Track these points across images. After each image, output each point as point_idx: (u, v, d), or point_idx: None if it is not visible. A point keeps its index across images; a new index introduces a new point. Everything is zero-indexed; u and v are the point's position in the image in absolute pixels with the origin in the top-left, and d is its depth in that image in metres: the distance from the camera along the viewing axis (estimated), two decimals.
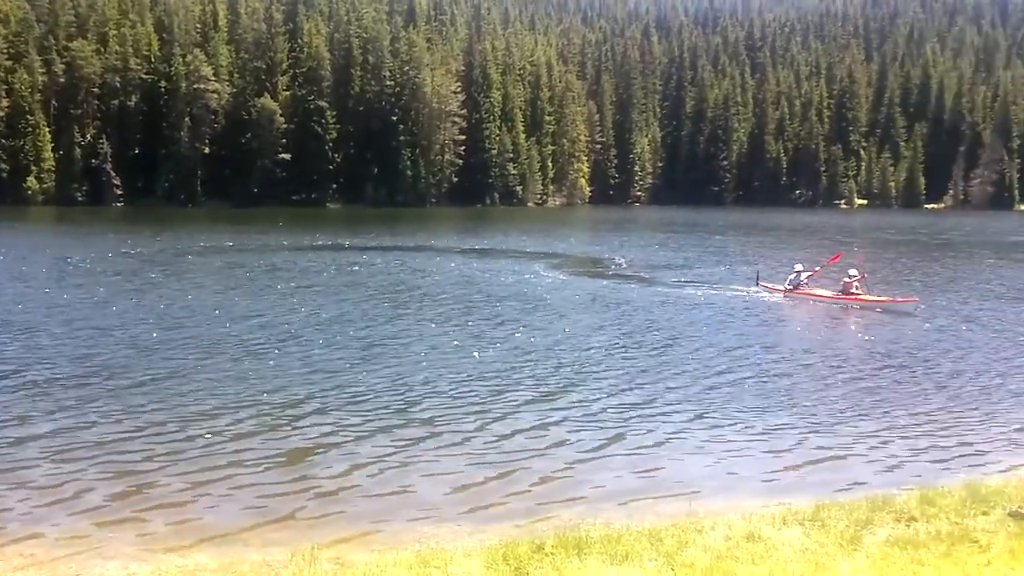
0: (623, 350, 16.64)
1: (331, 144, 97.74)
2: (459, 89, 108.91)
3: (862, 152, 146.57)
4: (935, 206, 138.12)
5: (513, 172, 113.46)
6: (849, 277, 24.10)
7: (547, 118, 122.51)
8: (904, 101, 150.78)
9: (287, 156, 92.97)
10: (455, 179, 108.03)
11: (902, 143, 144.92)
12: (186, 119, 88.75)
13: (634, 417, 11.75)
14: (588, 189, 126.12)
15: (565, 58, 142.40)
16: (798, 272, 25.54)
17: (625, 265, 35.86)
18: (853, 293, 23.75)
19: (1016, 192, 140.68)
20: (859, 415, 12.15)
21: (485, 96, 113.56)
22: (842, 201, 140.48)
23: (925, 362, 16.34)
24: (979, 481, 8.52)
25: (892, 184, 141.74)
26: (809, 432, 11.26)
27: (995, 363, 16.27)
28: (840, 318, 22.62)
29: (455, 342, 16.97)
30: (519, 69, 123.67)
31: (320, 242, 44.20)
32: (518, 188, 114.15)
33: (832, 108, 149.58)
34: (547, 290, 26.30)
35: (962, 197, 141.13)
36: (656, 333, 18.71)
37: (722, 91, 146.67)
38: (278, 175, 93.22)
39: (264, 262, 33.22)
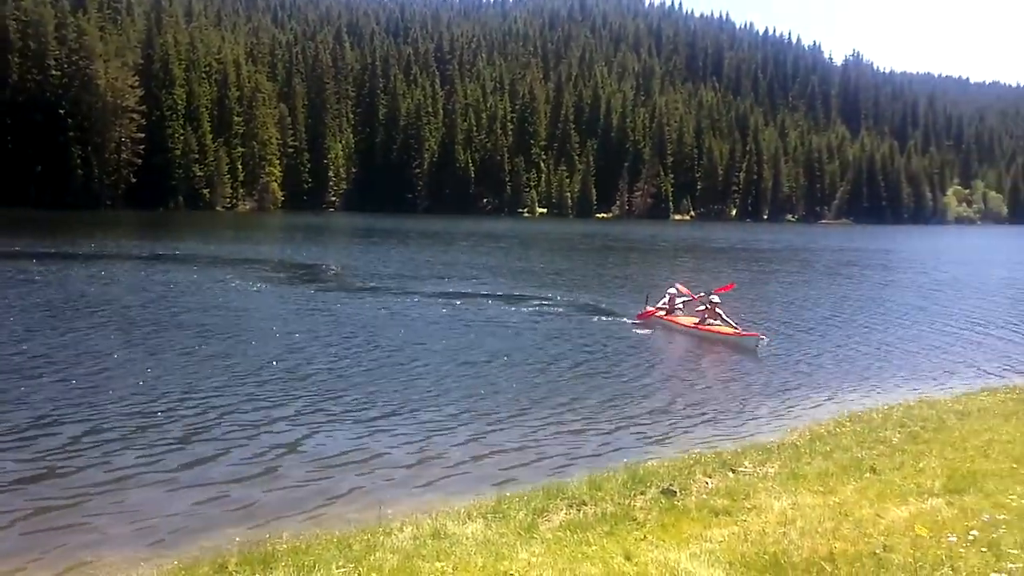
0: (323, 359, 16.39)
1: None
2: (137, 84, 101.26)
3: (542, 164, 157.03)
4: (605, 215, 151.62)
5: (199, 174, 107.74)
6: (709, 303, 21.46)
7: (236, 119, 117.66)
8: (578, 118, 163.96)
9: None
10: (133, 180, 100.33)
11: (576, 157, 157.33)
12: None
13: (322, 426, 11.65)
14: (280, 194, 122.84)
15: (254, 58, 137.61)
16: (672, 296, 23.03)
17: (338, 271, 35.50)
18: (708, 323, 21.09)
19: (671, 204, 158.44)
20: (538, 412, 12.93)
21: (167, 93, 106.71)
22: (525, 210, 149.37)
23: (609, 361, 17.70)
24: (638, 463, 9.50)
25: (568, 195, 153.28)
26: (492, 429, 11.80)
27: (665, 361, 18.18)
28: (534, 325, 23.45)
29: (133, 358, 15.79)
30: (205, 66, 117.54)
31: None
32: (205, 191, 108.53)
33: (515, 122, 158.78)
34: (251, 299, 25.18)
35: (627, 207, 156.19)
36: (364, 341, 18.54)
37: (414, 101, 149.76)
38: None
39: None
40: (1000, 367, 18.50)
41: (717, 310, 21.05)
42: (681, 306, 22.84)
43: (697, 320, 21.50)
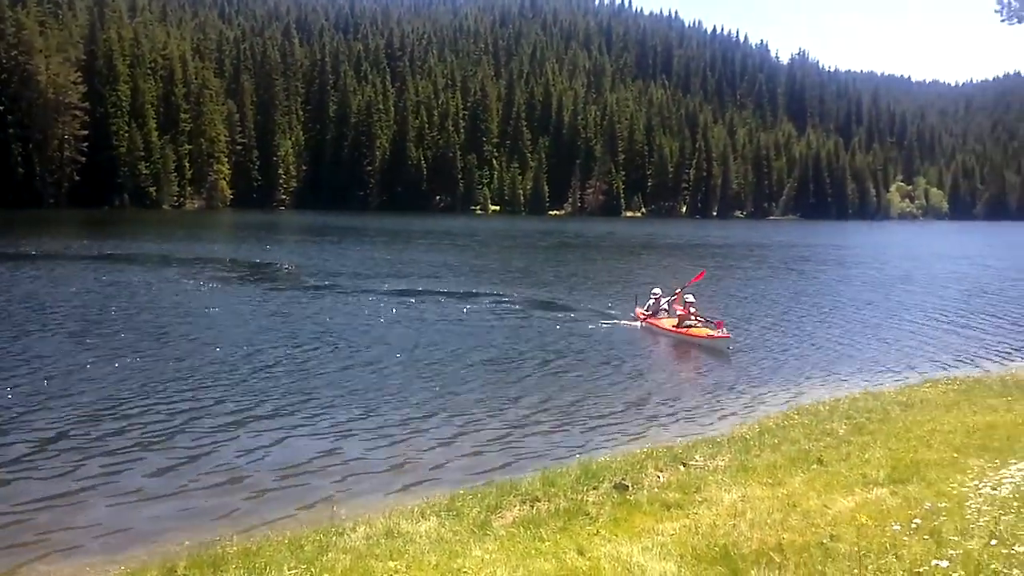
0: (276, 359, 16.19)
1: None
2: (80, 80, 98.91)
3: (494, 161, 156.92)
4: (558, 212, 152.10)
5: (145, 172, 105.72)
6: (684, 304, 21.19)
7: (183, 116, 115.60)
8: (530, 115, 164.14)
9: None
10: (77, 178, 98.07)
11: (529, 154, 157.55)
12: None
13: (274, 427, 11.51)
14: (229, 191, 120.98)
15: (201, 54, 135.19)
16: (656, 297, 22.67)
17: (292, 270, 35.08)
18: (687, 325, 20.58)
19: (623, 201, 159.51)
20: (492, 409, 12.96)
21: (111, 89, 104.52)
22: (478, 207, 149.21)
23: (565, 359, 17.70)
24: (591, 459, 9.56)
25: (521, 192, 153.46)
26: (446, 427, 11.79)
27: (621, 359, 18.31)
28: (479, 320, 23.57)
29: (82, 361, 15.45)
30: (150, 62, 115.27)
31: None
32: (151, 189, 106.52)
33: (467, 119, 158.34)
34: (204, 300, 24.68)
35: (579, 205, 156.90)
36: (318, 341, 18.31)
37: (365, 97, 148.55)
38: None
39: None
40: (942, 359, 19.01)
41: (691, 309, 20.85)
42: (666, 307, 22.46)
43: (676, 323, 21.12)
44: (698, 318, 20.68)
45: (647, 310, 22.66)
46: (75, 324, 19.61)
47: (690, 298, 21.29)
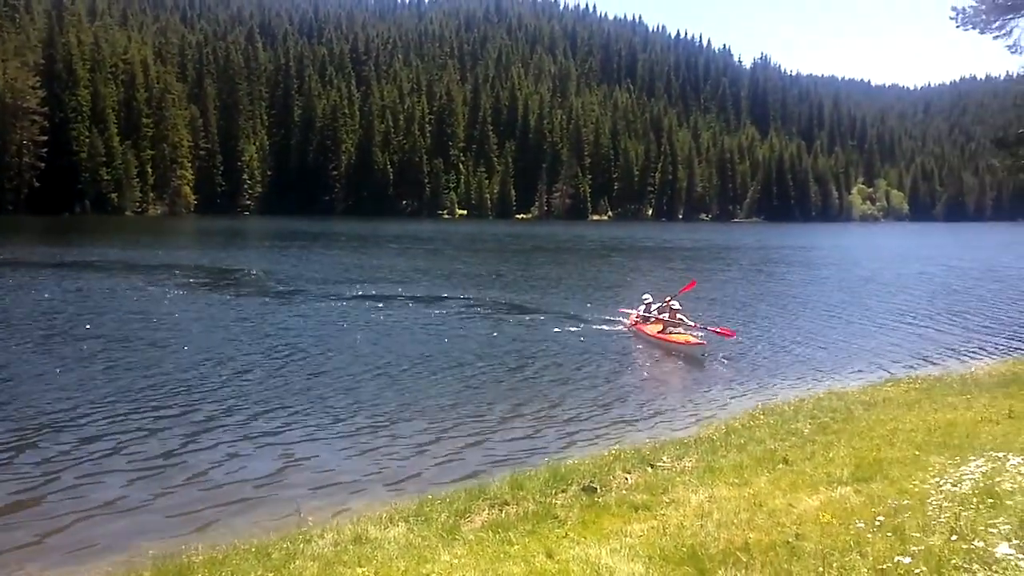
0: (242, 366, 16.04)
1: None
2: (39, 84, 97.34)
3: (461, 166, 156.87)
4: (525, 216, 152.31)
5: (107, 178, 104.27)
6: (670, 310, 21.19)
7: (145, 120, 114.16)
8: (496, 120, 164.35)
9: None
10: (37, 184, 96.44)
11: (495, 159, 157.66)
12: None
13: (240, 434, 11.41)
14: (193, 197, 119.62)
15: (163, 58, 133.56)
16: (647, 303, 22.52)
17: (260, 276, 34.66)
18: (670, 331, 20.51)
19: (589, 204, 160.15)
20: (461, 413, 12.92)
21: (71, 94, 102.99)
22: (444, 211, 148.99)
23: (536, 363, 17.70)
24: (559, 462, 9.57)
25: (488, 196, 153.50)
26: (415, 432, 11.74)
27: (591, 363, 18.35)
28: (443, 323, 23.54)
29: (44, 369, 15.18)
30: (111, 66, 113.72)
31: None
32: (113, 195, 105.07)
33: (433, 123, 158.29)
34: (170, 307, 24.30)
35: (546, 208, 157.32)
36: (286, 348, 18.15)
37: (330, 102, 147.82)
38: None
39: None
40: (904, 359, 19.29)
41: (678, 316, 20.79)
42: (656, 312, 22.11)
43: (659, 329, 20.88)
44: (685, 325, 20.70)
45: (638, 317, 22.67)
46: (39, 332, 19.26)
47: (676, 305, 21.37)
